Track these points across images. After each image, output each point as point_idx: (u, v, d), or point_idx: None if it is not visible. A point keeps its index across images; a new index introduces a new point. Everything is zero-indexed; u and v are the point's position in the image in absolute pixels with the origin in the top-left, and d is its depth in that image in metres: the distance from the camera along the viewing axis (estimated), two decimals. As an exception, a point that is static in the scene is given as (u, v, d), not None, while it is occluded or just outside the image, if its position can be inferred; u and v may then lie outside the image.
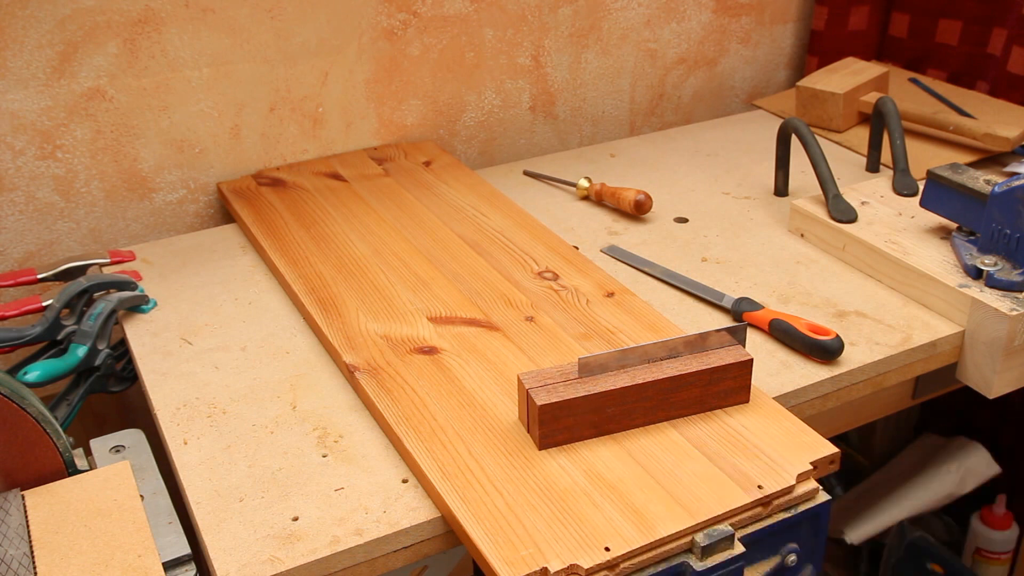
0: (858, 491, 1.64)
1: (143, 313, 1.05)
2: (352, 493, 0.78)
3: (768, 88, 1.74)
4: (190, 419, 0.88)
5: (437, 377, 0.89)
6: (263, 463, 0.82)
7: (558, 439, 0.79)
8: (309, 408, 0.89)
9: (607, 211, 1.29)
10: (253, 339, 1.00)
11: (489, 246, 1.12)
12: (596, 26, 1.51)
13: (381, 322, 0.98)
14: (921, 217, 1.14)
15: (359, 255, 1.11)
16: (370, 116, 1.39)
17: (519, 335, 0.95)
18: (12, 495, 0.74)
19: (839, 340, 0.95)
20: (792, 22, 1.70)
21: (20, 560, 0.67)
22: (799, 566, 0.79)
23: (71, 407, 0.98)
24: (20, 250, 1.21)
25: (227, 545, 0.73)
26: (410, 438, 0.81)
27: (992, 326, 0.97)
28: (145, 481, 0.80)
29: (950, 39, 1.59)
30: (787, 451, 0.78)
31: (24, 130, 1.16)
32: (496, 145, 1.51)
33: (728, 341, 0.84)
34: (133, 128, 1.23)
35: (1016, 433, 1.58)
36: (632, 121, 1.62)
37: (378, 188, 1.28)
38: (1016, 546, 1.60)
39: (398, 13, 1.34)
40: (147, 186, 1.27)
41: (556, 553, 0.68)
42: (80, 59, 1.16)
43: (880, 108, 1.31)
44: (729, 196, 1.32)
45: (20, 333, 0.98)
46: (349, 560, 0.73)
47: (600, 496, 0.74)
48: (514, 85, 1.48)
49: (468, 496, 0.74)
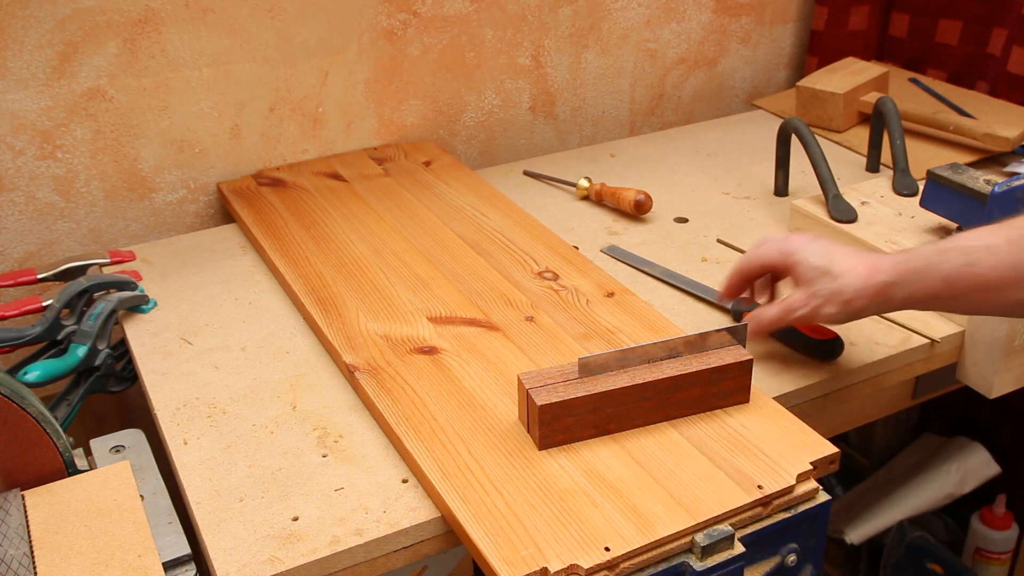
0: (858, 491, 1.64)
1: (143, 313, 1.05)
2: (352, 493, 0.78)
3: (768, 88, 1.74)
4: (190, 419, 0.88)
5: (437, 377, 0.89)
6: (263, 463, 0.82)
7: (558, 439, 0.79)
8: (309, 408, 0.89)
9: (607, 211, 1.29)
10: (253, 339, 1.00)
11: (489, 246, 1.12)
12: (596, 26, 1.51)
13: (381, 322, 0.98)
14: (921, 217, 1.14)
15: (359, 255, 1.11)
16: (370, 116, 1.39)
17: (519, 335, 0.95)
18: (12, 495, 0.74)
19: (839, 340, 0.95)
20: (792, 22, 1.70)
21: (20, 560, 0.67)
22: (799, 566, 0.79)
23: (71, 407, 0.98)
24: (20, 250, 1.21)
25: (227, 545, 0.73)
26: (410, 438, 0.81)
27: (992, 326, 0.97)
28: (145, 481, 0.80)
29: (950, 39, 1.59)
30: (787, 451, 0.78)
31: (24, 130, 1.16)
32: (496, 145, 1.51)
33: (728, 341, 0.84)
34: (133, 128, 1.23)
35: (1016, 433, 1.58)
36: (632, 121, 1.62)
37: (378, 188, 1.28)
38: (1016, 546, 1.60)
39: (398, 13, 1.34)
40: (147, 186, 1.27)
41: (556, 553, 0.68)
42: (80, 59, 1.16)
43: (880, 108, 1.31)
44: (729, 196, 1.32)
45: (20, 333, 0.98)
46: (349, 560, 0.73)
47: (600, 496, 0.74)
48: (514, 85, 1.48)
49: (468, 496, 0.74)
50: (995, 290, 0.75)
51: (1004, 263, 0.74)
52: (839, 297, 0.82)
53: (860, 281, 0.81)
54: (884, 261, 0.81)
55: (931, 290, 0.79)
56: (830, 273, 0.82)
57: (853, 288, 0.81)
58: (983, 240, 0.76)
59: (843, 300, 0.81)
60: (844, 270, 0.82)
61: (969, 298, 0.77)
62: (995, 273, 0.75)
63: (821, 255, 0.84)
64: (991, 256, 0.75)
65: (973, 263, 0.76)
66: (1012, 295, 0.75)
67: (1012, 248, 0.74)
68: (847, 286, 0.81)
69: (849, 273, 0.81)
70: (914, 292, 0.79)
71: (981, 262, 0.75)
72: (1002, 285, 0.75)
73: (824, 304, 0.83)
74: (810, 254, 0.84)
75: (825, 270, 0.83)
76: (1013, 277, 0.74)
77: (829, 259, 0.83)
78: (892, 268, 0.80)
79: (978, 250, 0.76)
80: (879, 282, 0.80)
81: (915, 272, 0.79)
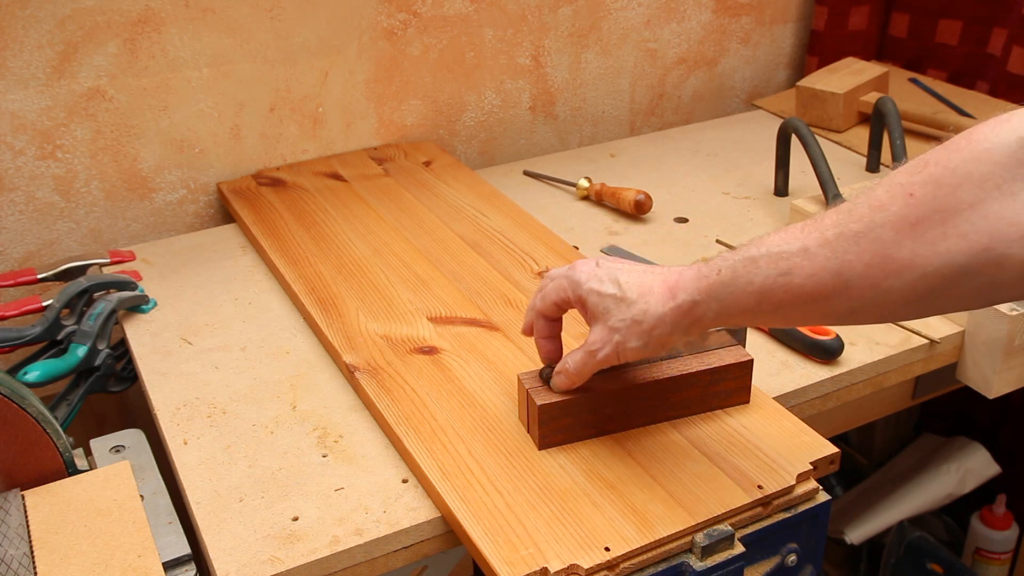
0: (858, 491, 1.64)
1: (143, 313, 1.05)
2: (352, 493, 0.78)
3: (768, 88, 1.74)
4: (190, 419, 0.88)
5: (437, 377, 0.89)
6: (263, 463, 0.82)
7: (557, 439, 0.79)
8: (309, 408, 0.89)
9: (607, 211, 1.29)
10: (253, 339, 1.00)
11: (489, 246, 1.12)
12: (596, 26, 1.51)
13: (381, 322, 0.98)
14: (921, 217, 1.14)
15: (359, 255, 1.11)
16: (370, 116, 1.39)
17: (519, 335, 0.95)
18: (12, 495, 0.74)
19: (839, 340, 0.95)
20: (792, 22, 1.70)
21: (20, 560, 0.67)
22: (799, 566, 0.79)
23: (71, 407, 0.98)
24: (20, 250, 1.21)
25: (227, 545, 0.73)
26: (410, 438, 0.81)
27: (992, 326, 0.97)
28: (145, 481, 0.80)
29: (950, 39, 1.59)
30: (787, 451, 0.78)
31: (24, 130, 1.16)
32: (496, 145, 1.51)
33: (728, 341, 0.84)
34: (133, 128, 1.23)
35: (1016, 433, 1.58)
36: (632, 121, 1.62)
37: (378, 188, 1.28)
38: (1016, 546, 1.60)
39: (398, 13, 1.34)
40: (147, 186, 1.27)
41: (556, 553, 0.68)
42: (80, 59, 1.16)
43: (880, 108, 1.31)
44: (729, 196, 1.32)
45: (20, 333, 0.98)
46: (349, 560, 0.73)
47: (600, 496, 0.74)
48: (514, 85, 1.48)
49: (468, 496, 0.74)
50: (817, 301, 0.62)
51: (823, 269, 0.61)
52: (639, 327, 0.70)
53: (659, 305, 0.69)
54: (684, 277, 0.69)
55: (743, 305, 0.66)
56: (624, 300, 0.71)
57: (653, 315, 0.70)
58: (796, 243, 0.63)
59: (644, 330, 0.70)
60: (639, 295, 0.70)
61: (789, 311, 0.64)
62: (814, 282, 0.61)
63: (609, 281, 0.72)
64: (808, 262, 0.61)
65: (788, 271, 0.62)
66: (837, 304, 0.62)
67: (828, 251, 0.61)
68: (645, 313, 0.70)
69: (645, 296, 0.70)
70: (724, 310, 0.67)
71: (797, 270, 0.62)
72: (825, 295, 0.61)
73: (625, 339, 0.71)
74: (597, 282, 0.73)
75: (618, 298, 0.71)
76: (835, 284, 0.61)
77: (618, 284, 0.72)
78: (694, 285, 0.68)
79: (792, 255, 0.62)
80: (682, 302, 0.68)
81: (722, 286, 0.66)
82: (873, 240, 0.59)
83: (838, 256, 0.60)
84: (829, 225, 0.62)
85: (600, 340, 0.73)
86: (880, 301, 0.60)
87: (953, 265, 0.57)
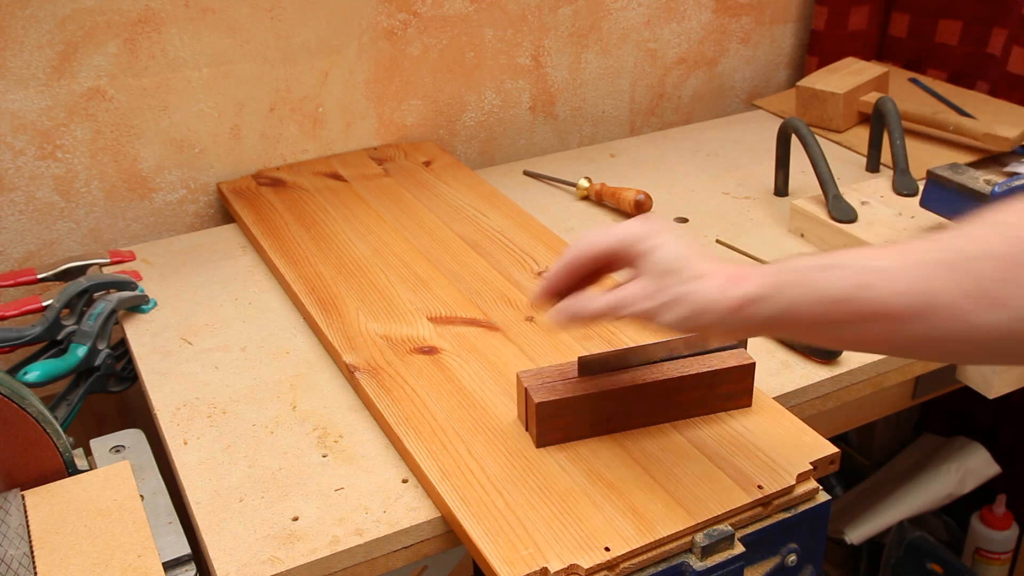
0: (858, 491, 1.64)
1: (143, 313, 1.05)
2: (352, 493, 0.78)
3: (768, 88, 1.74)
4: (190, 419, 0.88)
5: (437, 377, 0.89)
6: (263, 463, 0.82)
7: (556, 437, 0.79)
8: (309, 408, 0.89)
9: (607, 211, 1.29)
10: (253, 339, 1.00)
11: (489, 246, 1.12)
12: (596, 26, 1.51)
13: (381, 322, 0.98)
14: (921, 217, 1.14)
15: (359, 255, 1.11)
16: (370, 116, 1.39)
17: (519, 335, 0.95)
18: (12, 495, 0.74)
19: (839, 340, 0.95)
20: (792, 22, 1.70)
21: (20, 560, 0.67)
22: (799, 566, 0.79)
23: (71, 407, 0.98)
24: (20, 250, 1.21)
25: (227, 545, 0.73)
26: (410, 438, 0.81)
27: (992, 326, 0.97)
28: (145, 481, 0.80)
29: (950, 39, 1.59)
30: (787, 451, 0.78)
31: (24, 130, 1.16)
32: (496, 145, 1.51)
33: (730, 343, 0.84)
34: (133, 128, 1.23)
35: (1016, 433, 1.58)
36: (632, 121, 1.62)
37: (378, 188, 1.28)
38: (1016, 546, 1.60)
39: (398, 13, 1.34)
40: (147, 186, 1.27)
41: (556, 553, 0.68)
42: (80, 59, 1.16)
43: (880, 108, 1.31)
44: (729, 196, 1.32)
45: (20, 333, 0.98)
46: (349, 560, 0.73)
47: (600, 496, 0.74)
48: (514, 85, 1.48)
49: (468, 496, 0.74)
50: (893, 320, 0.60)
51: (910, 289, 0.59)
52: (685, 302, 0.66)
53: (715, 291, 0.65)
54: (751, 271, 0.66)
55: (807, 313, 0.62)
56: (682, 273, 0.66)
57: (705, 297, 0.65)
58: (877, 260, 0.61)
59: (689, 307, 0.66)
60: (700, 274, 0.66)
61: (857, 326, 0.61)
62: (896, 300, 0.59)
63: (679, 249, 0.68)
64: (892, 279, 0.59)
65: (869, 285, 0.60)
66: (914, 328, 0.59)
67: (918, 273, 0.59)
68: (699, 292, 0.65)
69: (706, 278, 0.66)
70: (785, 311, 0.63)
71: (880, 285, 0.60)
72: (905, 316, 0.59)
73: (667, 306, 0.66)
74: (667, 244, 0.68)
75: (678, 269, 0.67)
76: (919, 307, 0.58)
77: (686, 258, 0.67)
78: (759, 279, 0.64)
79: (875, 271, 0.60)
80: (739, 295, 0.64)
81: (788, 286, 0.63)
82: (969, 272, 0.58)
83: (928, 279, 0.59)
84: (915, 250, 0.60)
85: (639, 295, 0.68)
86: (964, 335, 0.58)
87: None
